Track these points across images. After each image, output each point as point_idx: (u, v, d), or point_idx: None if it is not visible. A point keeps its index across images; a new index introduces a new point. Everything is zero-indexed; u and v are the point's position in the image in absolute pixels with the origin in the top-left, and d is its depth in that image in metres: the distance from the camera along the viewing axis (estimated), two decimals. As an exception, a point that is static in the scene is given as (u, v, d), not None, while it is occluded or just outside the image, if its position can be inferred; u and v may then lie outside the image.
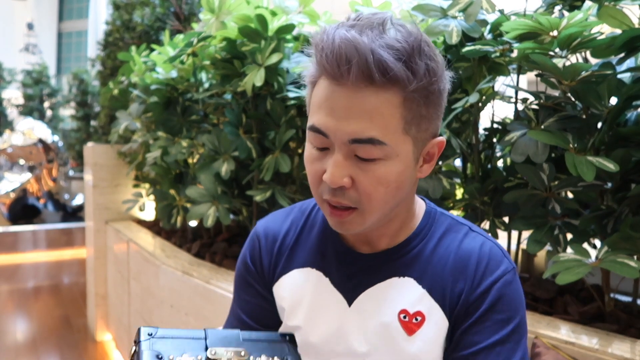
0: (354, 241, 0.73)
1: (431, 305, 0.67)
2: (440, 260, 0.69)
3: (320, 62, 0.60)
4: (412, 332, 0.66)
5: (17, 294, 3.96)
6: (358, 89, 0.57)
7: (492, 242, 0.71)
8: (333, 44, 0.57)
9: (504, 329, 0.64)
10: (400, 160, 0.61)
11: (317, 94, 0.62)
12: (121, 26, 3.46)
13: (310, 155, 0.64)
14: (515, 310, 0.66)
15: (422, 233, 0.71)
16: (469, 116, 1.29)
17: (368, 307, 0.69)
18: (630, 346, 0.93)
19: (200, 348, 0.57)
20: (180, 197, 2.06)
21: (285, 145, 1.61)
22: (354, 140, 0.58)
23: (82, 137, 6.85)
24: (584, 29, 0.98)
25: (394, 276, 0.70)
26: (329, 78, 0.59)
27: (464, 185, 1.36)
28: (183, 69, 1.86)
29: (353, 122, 0.58)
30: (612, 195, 1.09)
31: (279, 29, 1.52)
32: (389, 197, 0.63)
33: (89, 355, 2.83)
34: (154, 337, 0.57)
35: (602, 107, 1.04)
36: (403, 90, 0.58)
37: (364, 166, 0.60)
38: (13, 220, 5.62)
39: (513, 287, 0.67)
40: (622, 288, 1.17)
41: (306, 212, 0.81)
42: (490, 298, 0.65)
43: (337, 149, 0.60)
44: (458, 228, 0.72)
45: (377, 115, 0.58)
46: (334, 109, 0.59)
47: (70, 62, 12.52)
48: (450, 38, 1.16)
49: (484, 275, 0.67)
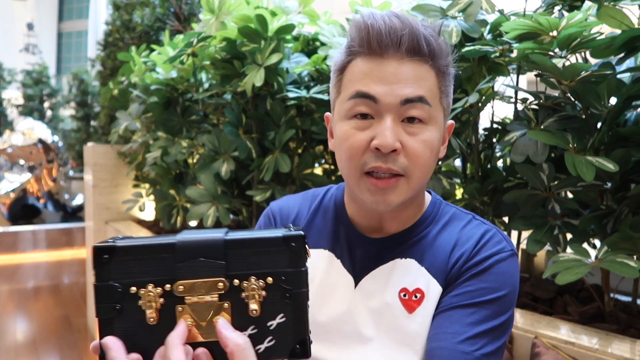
0: (363, 228, 0.75)
1: (429, 280, 0.69)
2: (442, 242, 0.71)
3: (363, 40, 0.64)
4: (413, 309, 0.68)
5: (17, 294, 3.96)
6: (402, 61, 0.63)
7: (496, 229, 0.72)
8: (383, 19, 0.63)
9: (485, 296, 0.65)
10: (437, 128, 0.66)
11: (355, 71, 0.66)
12: (121, 26, 3.46)
13: (350, 129, 0.65)
14: (501, 284, 0.66)
15: (427, 220, 0.74)
16: (468, 116, 1.29)
17: (371, 289, 0.71)
18: (630, 346, 0.93)
19: (169, 272, 0.46)
20: (180, 197, 2.06)
21: (285, 145, 1.61)
22: (406, 100, 0.62)
23: (82, 137, 6.85)
24: (583, 29, 0.98)
25: (397, 258, 0.72)
26: (372, 54, 0.64)
27: (463, 185, 1.36)
28: (183, 69, 1.86)
29: (403, 87, 0.63)
30: (612, 195, 1.09)
31: (278, 29, 1.52)
32: (431, 163, 0.66)
33: (89, 355, 2.83)
34: (111, 261, 0.46)
35: (602, 107, 1.04)
36: (438, 63, 0.65)
37: (411, 129, 0.64)
38: (13, 220, 5.62)
39: (505, 265, 0.68)
40: (622, 288, 1.17)
41: (319, 197, 0.83)
42: (480, 267, 0.67)
43: (386, 114, 0.63)
44: (462, 216, 0.74)
45: (422, 80, 0.64)
46: (382, 76, 0.63)
47: (70, 62, 12.53)
48: (450, 38, 1.16)
49: (481, 249, 0.68)
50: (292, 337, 0.47)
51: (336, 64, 0.70)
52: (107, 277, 0.47)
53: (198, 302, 0.46)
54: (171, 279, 0.46)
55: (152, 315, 0.46)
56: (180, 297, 0.46)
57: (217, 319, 0.46)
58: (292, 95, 1.49)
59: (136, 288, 0.46)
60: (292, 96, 1.49)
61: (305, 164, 1.63)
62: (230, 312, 0.46)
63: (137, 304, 0.46)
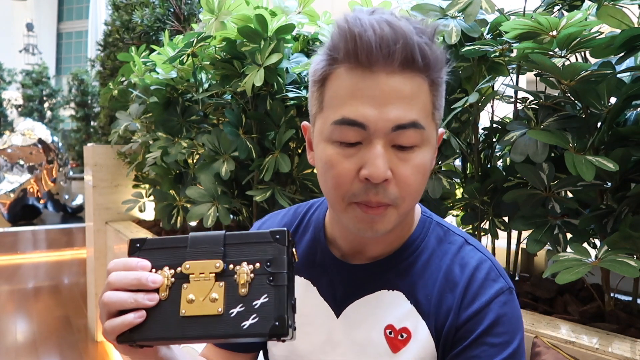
0: (344, 251, 0.71)
1: (418, 322, 0.64)
2: (432, 274, 0.66)
3: (350, 52, 0.56)
4: (397, 349, 0.64)
5: (17, 294, 3.96)
6: (393, 74, 0.55)
7: (488, 258, 0.67)
8: (373, 28, 0.54)
9: (502, 353, 0.60)
10: (431, 147, 0.60)
11: (339, 85, 0.58)
12: (121, 27, 3.46)
13: (336, 155, 0.58)
14: (512, 333, 0.61)
15: (414, 244, 0.68)
16: (468, 116, 1.29)
17: (356, 319, 0.67)
18: (630, 346, 0.93)
19: (181, 258, 0.57)
20: (180, 197, 2.06)
21: (285, 145, 1.61)
22: (397, 126, 0.56)
23: (82, 137, 6.86)
24: (583, 28, 0.98)
25: (383, 289, 0.67)
26: (359, 67, 0.56)
27: (463, 185, 1.36)
28: (183, 70, 1.87)
29: (394, 108, 0.55)
30: (612, 195, 1.09)
31: (278, 29, 1.52)
32: (422, 188, 0.61)
33: (89, 355, 2.83)
34: (141, 249, 0.58)
35: (602, 106, 1.04)
36: (431, 74, 0.58)
37: (403, 155, 0.58)
38: (13, 220, 5.62)
39: (509, 308, 0.62)
40: (622, 287, 1.17)
41: (299, 216, 0.79)
42: (485, 321, 0.61)
43: (376, 141, 0.56)
44: (452, 240, 0.69)
45: (415, 99, 0.57)
46: (371, 96, 0.55)
47: (70, 62, 12.53)
48: (450, 38, 1.16)
49: (477, 294, 0.63)
50: (272, 315, 0.53)
51: (316, 72, 0.61)
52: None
53: (199, 282, 0.56)
54: (181, 262, 0.57)
55: (163, 291, 0.56)
56: (186, 277, 0.56)
57: (212, 296, 0.55)
58: (292, 95, 1.49)
59: (156, 270, 0.57)
60: (292, 96, 1.50)
61: (305, 164, 1.63)
62: (224, 292, 0.55)
63: None
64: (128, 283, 0.54)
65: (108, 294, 0.54)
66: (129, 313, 0.54)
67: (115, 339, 0.54)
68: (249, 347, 0.81)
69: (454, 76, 1.27)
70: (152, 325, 0.54)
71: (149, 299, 0.54)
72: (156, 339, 0.54)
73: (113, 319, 0.54)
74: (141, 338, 0.54)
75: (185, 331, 0.54)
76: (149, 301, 0.54)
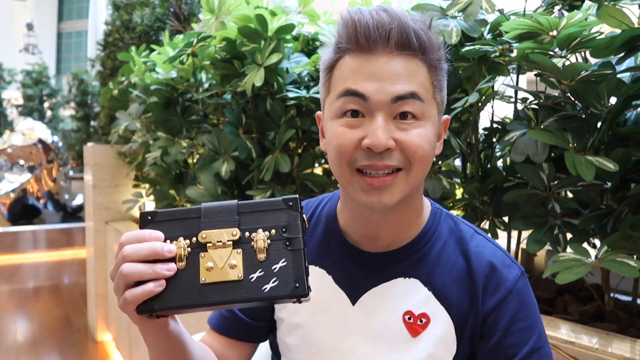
0: (357, 239, 0.73)
1: (436, 307, 0.67)
2: (447, 263, 0.69)
3: (351, 36, 0.62)
4: (417, 333, 0.66)
5: (17, 294, 3.96)
6: (392, 56, 0.61)
7: (497, 246, 0.71)
8: (371, 14, 0.61)
9: (534, 333, 0.65)
10: (432, 123, 0.64)
11: (344, 68, 0.64)
12: (121, 26, 3.46)
13: (339, 126, 0.64)
14: (534, 312, 0.67)
15: (428, 234, 0.71)
16: (468, 116, 1.29)
17: (372, 307, 0.69)
18: (630, 346, 0.93)
19: (196, 228, 0.58)
20: (180, 197, 2.06)
21: (285, 145, 1.61)
22: (397, 97, 0.60)
23: (82, 137, 6.86)
24: (583, 28, 0.98)
25: (400, 277, 0.69)
26: (361, 51, 0.62)
27: (463, 185, 1.36)
28: (183, 69, 1.87)
29: (393, 82, 0.61)
30: (612, 195, 1.09)
31: (278, 29, 1.52)
32: (429, 158, 0.64)
33: (89, 355, 2.83)
34: (153, 221, 0.59)
35: (602, 106, 1.04)
36: (429, 57, 0.63)
37: (405, 126, 0.62)
38: (13, 220, 5.62)
39: (527, 291, 0.68)
40: (622, 287, 1.17)
41: (310, 210, 0.81)
42: (510, 309, 0.66)
43: (377, 112, 0.61)
44: (463, 230, 0.72)
45: (414, 76, 0.62)
46: (372, 73, 0.61)
47: (70, 62, 12.53)
48: (450, 38, 1.16)
49: (498, 283, 0.67)
50: (292, 278, 0.55)
51: (325, 62, 0.68)
52: None
53: (217, 249, 0.57)
54: (197, 233, 0.58)
55: (181, 261, 0.57)
56: (203, 245, 0.57)
57: (231, 262, 0.56)
58: (292, 95, 1.49)
59: (170, 241, 0.57)
60: (292, 96, 1.49)
61: (305, 163, 1.63)
62: (242, 258, 0.56)
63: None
64: (144, 254, 0.55)
65: (126, 266, 0.55)
66: (148, 282, 0.54)
67: (134, 310, 0.55)
68: (254, 337, 0.81)
69: (454, 76, 1.27)
70: (172, 294, 0.55)
71: (167, 269, 0.55)
72: (177, 307, 0.55)
73: (133, 289, 0.54)
74: (162, 307, 0.55)
75: (206, 298, 0.55)
76: (167, 271, 0.55)
